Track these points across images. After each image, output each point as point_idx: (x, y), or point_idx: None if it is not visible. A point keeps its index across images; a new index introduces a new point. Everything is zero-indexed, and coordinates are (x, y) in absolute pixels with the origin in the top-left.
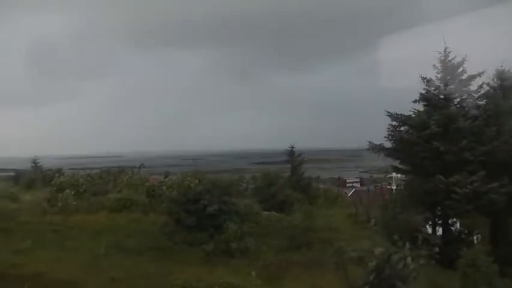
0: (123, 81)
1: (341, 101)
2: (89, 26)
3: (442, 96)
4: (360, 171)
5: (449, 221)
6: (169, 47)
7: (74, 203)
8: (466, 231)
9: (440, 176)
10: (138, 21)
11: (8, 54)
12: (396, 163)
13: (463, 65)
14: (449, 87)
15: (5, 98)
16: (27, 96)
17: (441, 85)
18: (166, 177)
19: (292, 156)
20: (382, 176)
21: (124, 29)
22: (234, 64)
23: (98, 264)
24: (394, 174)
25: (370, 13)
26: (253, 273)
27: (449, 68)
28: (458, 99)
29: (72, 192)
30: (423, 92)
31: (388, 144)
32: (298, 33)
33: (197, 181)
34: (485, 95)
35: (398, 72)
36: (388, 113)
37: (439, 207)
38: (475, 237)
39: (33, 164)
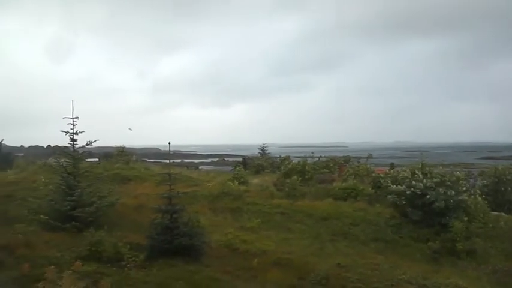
0: (351, 74)
1: None
2: (322, 23)
3: None
4: None
5: None
6: (398, 38)
7: (300, 188)
8: None
9: None
10: (368, 15)
11: (250, 56)
12: None
13: None
14: None
15: (244, 93)
16: (263, 91)
17: None
18: (391, 168)
19: None
20: None
21: (354, 23)
22: (464, 52)
23: (324, 249)
24: None
25: None
26: (486, 279)
27: None
28: None
29: (299, 179)
30: None
31: None
32: None
33: (424, 174)
34: None
35: None
36: None
37: None
38: None
39: (261, 151)
